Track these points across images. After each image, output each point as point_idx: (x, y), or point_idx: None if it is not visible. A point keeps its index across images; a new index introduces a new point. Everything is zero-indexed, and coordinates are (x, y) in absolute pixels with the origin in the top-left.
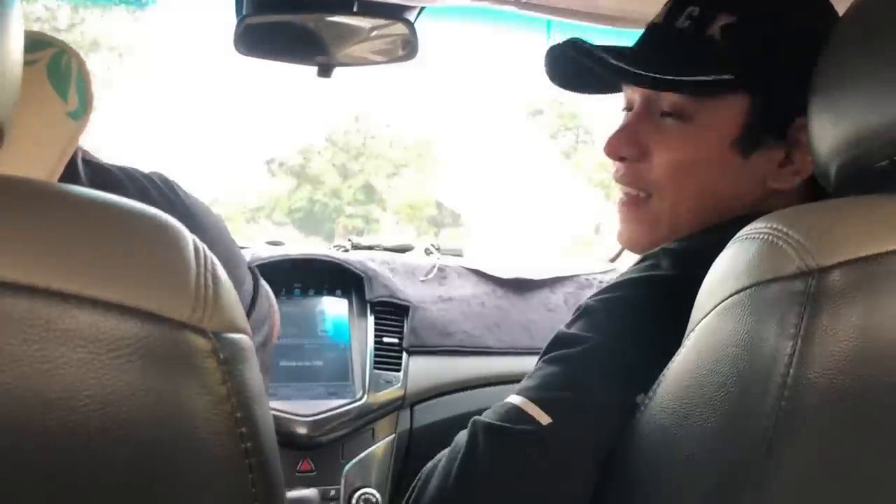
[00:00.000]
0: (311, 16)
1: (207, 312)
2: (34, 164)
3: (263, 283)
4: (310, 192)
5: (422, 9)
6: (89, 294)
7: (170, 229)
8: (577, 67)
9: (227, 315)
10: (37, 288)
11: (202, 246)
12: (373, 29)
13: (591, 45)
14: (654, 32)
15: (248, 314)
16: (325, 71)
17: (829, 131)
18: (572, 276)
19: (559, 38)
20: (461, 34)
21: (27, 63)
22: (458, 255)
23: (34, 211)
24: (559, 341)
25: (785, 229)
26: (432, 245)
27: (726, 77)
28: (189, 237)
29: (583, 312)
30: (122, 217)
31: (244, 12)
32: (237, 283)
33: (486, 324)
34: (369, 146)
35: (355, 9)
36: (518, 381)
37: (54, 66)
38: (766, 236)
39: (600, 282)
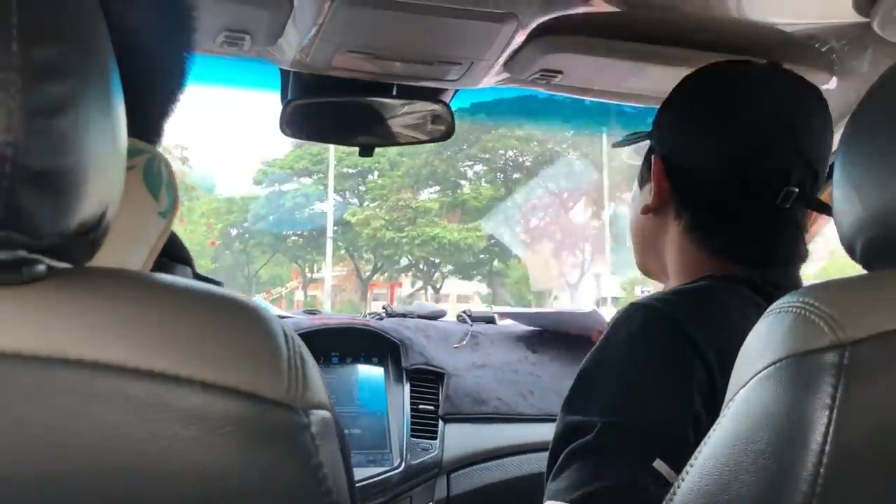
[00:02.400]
0: (352, 99)
1: (299, 391)
2: (129, 258)
3: None
4: None
5: (457, 91)
6: (200, 377)
7: (261, 316)
8: None
9: (315, 393)
10: (156, 372)
11: (290, 330)
12: (408, 105)
13: None
14: None
15: None
16: (367, 151)
17: (853, 206)
18: None
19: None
20: None
21: (127, 169)
22: (491, 322)
23: (151, 302)
24: (569, 432)
25: (816, 303)
26: (464, 312)
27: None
28: (277, 321)
29: (580, 381)
30: (222, 305)
31: (290, 96)
32: None
33: (519, 390)
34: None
35: (395, 92)
36: None
37: (148, 170)
38: (798, 310)
39: None
